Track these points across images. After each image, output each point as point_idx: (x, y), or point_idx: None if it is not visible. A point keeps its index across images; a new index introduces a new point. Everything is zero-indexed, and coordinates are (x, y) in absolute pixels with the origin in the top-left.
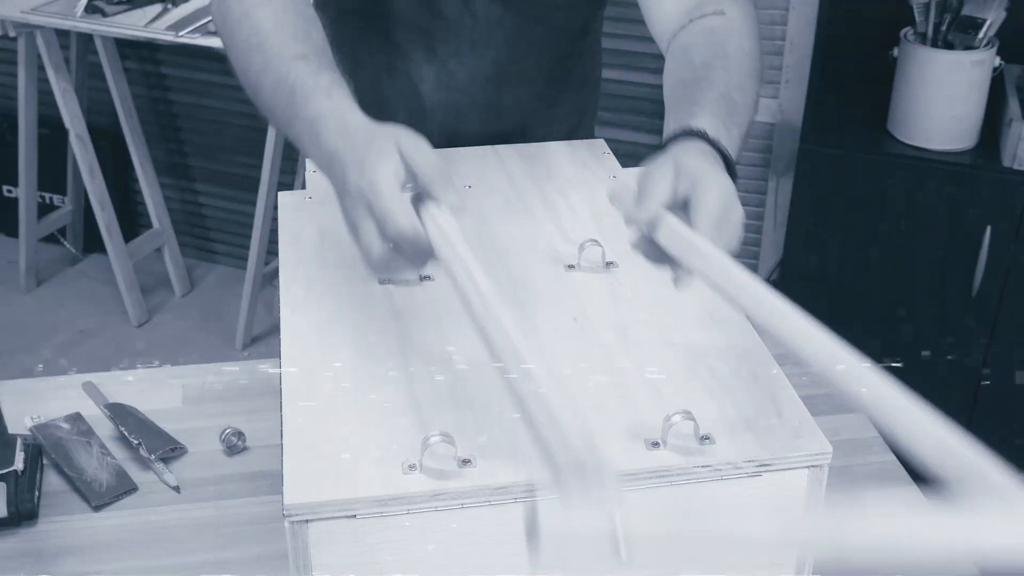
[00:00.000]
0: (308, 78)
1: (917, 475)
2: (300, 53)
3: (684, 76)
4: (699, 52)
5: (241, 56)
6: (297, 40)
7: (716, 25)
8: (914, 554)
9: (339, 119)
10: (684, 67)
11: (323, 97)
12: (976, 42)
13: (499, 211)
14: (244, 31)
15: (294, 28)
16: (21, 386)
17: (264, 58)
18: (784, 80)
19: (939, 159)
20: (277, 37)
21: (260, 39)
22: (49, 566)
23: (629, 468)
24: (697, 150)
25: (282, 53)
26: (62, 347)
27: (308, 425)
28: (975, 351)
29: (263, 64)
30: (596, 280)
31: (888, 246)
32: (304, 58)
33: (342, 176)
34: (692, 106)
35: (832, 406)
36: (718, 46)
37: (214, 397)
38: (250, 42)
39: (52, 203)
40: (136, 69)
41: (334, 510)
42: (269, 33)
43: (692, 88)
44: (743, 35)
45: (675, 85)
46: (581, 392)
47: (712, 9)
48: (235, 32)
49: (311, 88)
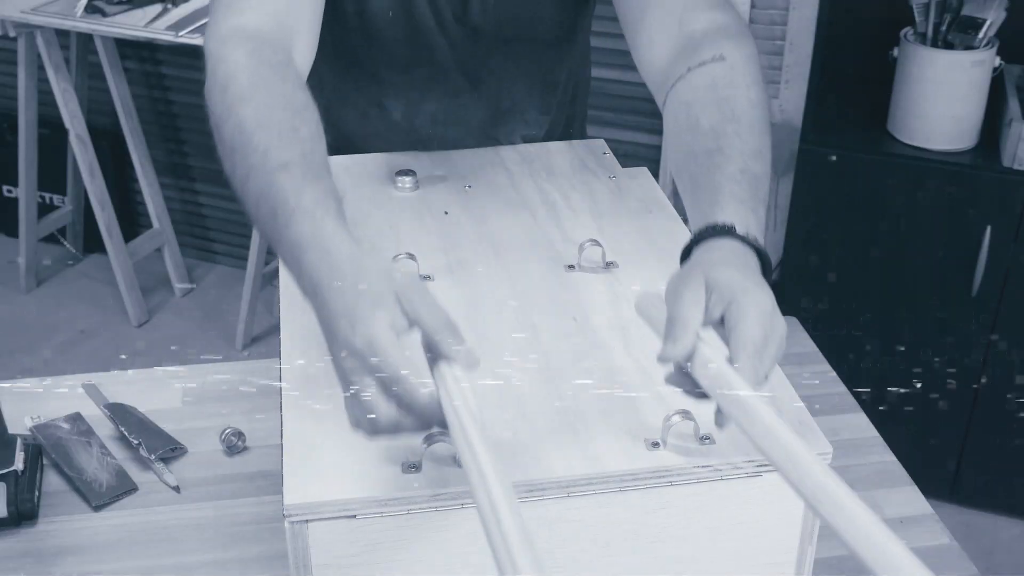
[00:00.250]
0: (290, 196)
1: (917, 475)
2: (283, 162)
3: (694, 146)
4: (706, 114)
5: (226, 156)
6: (282, 142)
7: (718, 75)
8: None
9: (322, 248)
10: (691, 133)
11: (305, 220)
12: (976, 42)
13: (499, 211)
14: (228, 129)
15: (280, 127)
16: (21, 386)
17: (247, 164)
18: (784, 80)
19: (939, 159)
20: (260, 139)
21: (243, 140)
22: (49, 566)
23: (629, 468)
24: (729, 255)
25: (265, 162)
26: (62, 347)
27: (308, 425)
28: (975, 351)
29: (246, 172)
30: (596, 280)
31: (888, 246)
32: (287, 168)
33: (329, 321)
34: (713, 192)
35: (832, 406)
36: (726, 105)
37: (214, 397)
38: (233, 143)
39: (52, 203)
40: (136, 69)
41: (334, 510)
42: (252, 134)
43: (707, 165)
44: (749, 84)
45: (685, 157)
46: (581, 392)
47: (711, 55)
48: (220, 128)
49: (292, 208)
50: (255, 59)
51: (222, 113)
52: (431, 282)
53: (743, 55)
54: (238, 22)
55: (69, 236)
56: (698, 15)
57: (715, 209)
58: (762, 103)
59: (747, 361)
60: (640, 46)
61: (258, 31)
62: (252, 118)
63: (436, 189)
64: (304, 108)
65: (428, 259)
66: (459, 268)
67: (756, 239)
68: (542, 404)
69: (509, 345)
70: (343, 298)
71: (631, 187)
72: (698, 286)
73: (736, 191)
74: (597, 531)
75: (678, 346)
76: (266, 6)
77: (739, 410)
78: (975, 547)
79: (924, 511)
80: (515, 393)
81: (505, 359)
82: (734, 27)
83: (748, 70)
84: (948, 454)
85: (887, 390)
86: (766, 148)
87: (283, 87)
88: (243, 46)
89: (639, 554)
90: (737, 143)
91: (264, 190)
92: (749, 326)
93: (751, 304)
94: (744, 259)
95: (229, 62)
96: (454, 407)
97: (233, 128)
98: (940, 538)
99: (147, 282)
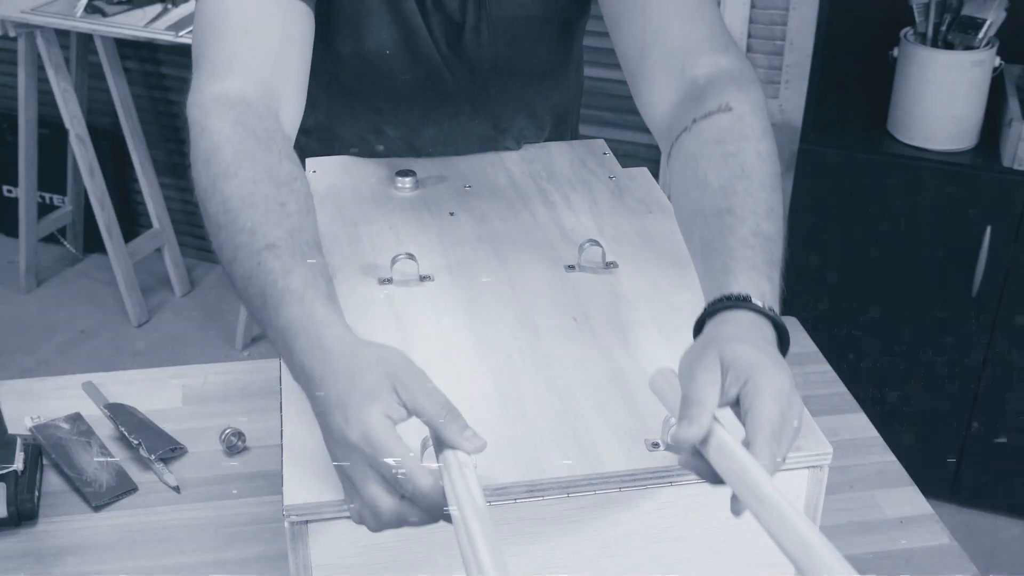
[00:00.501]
0: (279, 278)
1: (917, 475)
2: (270, 241)
3: (703, 205)
4: (714, 170)
5: (213, 233)
6: (269, 220)
7: (725, 128)
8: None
9: (314, 335)
10: (700, 190)
11: (294, 303)
12: (976, 42)
13: (499, 211)
14: (213, 205)
15: (266, 203)
16: (21, 386)
17: (234, 244)
18: (784, 80)
19: (939, 159)
20: (246, 218)
21: (229, 218)
22: (49, 566)
23: (629, 468)
24: (744, 328)
25: (251, 241)
26: (62, 347)
27: (308, 426)
28: (975, 351)
29: (233, 252)
30: (596, 280)
31: (888, 246)
32: (273, 248)
33: (323, 414)
34: (726, 258)
35: (832, 406)
36: (734, 160)
37: (214, 397)
38: (219, 220)
39: (52, 203)
40: (136, 69)
41: (334, 510)
42: (238, 212)
43: (717, 227)
44: (758, 136)
45: (694, 216)
46: (581, 392)
47: (717, 104)
48: (205, 204)
49: (281, 291)
50: (239, 129)
51: (207, 187)
52: (431, 282)
53: (750, 104)
54: (221, 89)
55: (69, 236)
56: (701, 59)
57: (728, 278)
58: (772, 156)
59: (763, 445)
60: (642, 91)
61: (242, 97)
62: (237, 195)
63: (436, 189)
64: (291, 180)
65: (428, 259)
66: (459, 268)
67: (772, 309)
68: (542, 404)
69: (509, 345)
70: (336, 388)
71: (631, 187)
72: (713, 365)
73: (749, 256)
74: (597, 531)
75: (693, 428)
76: (250, 71)
77: (755, 499)
78: (975, 547)
79: (924, 511)
80: (515, 393)
81: (505, 359)
82: (739, 72)
83: (756, 121)
84: (948, 454)
85: (887, 390)
86: (777, 204)
87: (268, 158)
88: (226, 115)
89: (639, 554)
90: (748, 202)
91: (251, 271)
92: (766, 408)
93: (767, 384)
94: (760, 332)
95: (213, 133)
96: (457, 498)
97: (218, 205)
98: (940, 538)
99: (147, 282)
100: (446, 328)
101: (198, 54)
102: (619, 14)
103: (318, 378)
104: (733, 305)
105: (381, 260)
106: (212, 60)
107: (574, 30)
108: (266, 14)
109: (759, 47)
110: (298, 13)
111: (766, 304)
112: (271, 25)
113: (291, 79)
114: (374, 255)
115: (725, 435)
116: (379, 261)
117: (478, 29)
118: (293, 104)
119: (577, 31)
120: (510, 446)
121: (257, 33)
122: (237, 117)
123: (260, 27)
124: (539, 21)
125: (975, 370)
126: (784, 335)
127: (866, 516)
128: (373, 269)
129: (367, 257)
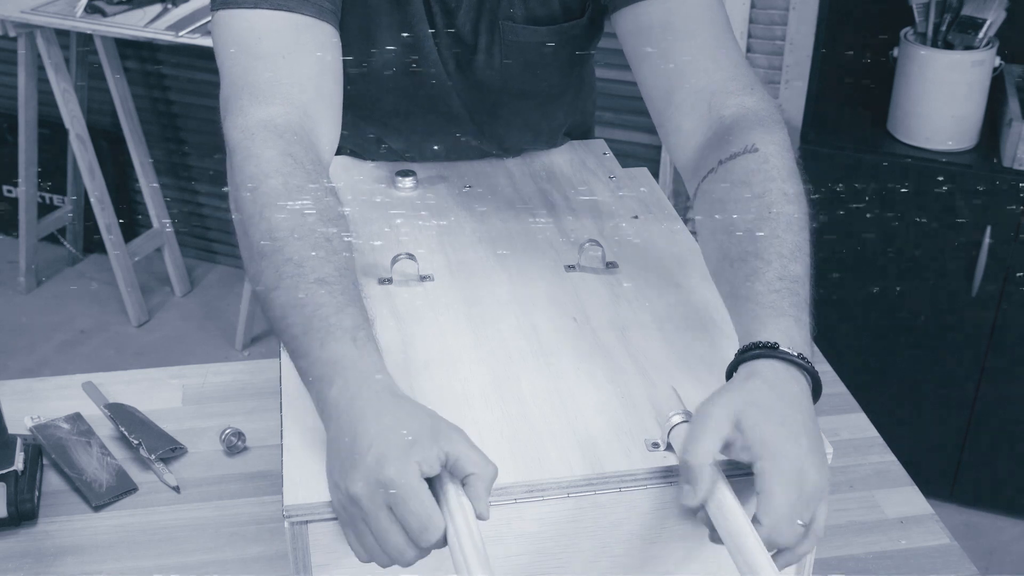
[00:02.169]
0: (330, 313)
1: (917, 475)
2: (321, 276)
3: (729, 250)
4: (740, 213)
5: (252, 260)
6: (319, 255)
7: (752, 169)
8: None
9: (364, 374)
10: (726, 233)
11: (347, 342)
12: (976, 42)
13: (499, 211)
14: (257, 233)
15: (315, 238)
16: (21, 386)
17: (278, 274)
18: (784, 80)
19: (939, 159)
20: (295, 250)
21: (275, 247)
22: (49, 566)
23: (629, 468)
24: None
25: (299, 273)
26: (62, 347)
27: (308, 426)
28: (975, 351)
29: (275, 281)
30: (596, 280)
31: (888, 246)
32: (325, 283)
33: (351, 450)
34: (753, 304)
35: (832, 406)
36: (760, 202)
37: (214, 397)
38: (263, 249)
39: (52, 203)
40: (136, 69)
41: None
42: (285, 243)
43: (744, 272)
44: (784, 177)
45: (721, 262)
46: (581, 392)
47: (742, 146)
48: (248, 230)
49: (332, 326)
50: (289, 160)
51: (252, 215)
52: (431, 282)
53: (776, 146)
54: (267, 114)
55: (69, 236)
56: (728, 99)
57: (756, 325)
58: (798, 196)
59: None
60: (669, 132)
61: (287, 125)
62: (285, 226)
63: (436, 189)
64: (338, 218)
65: (428, 259)
66: (459, 268)
67: (803, 356)
68: (542, 404)
69: (509, 345)
70: (378, 428)
71: (631, 187)
72: (720, 427)
73: (776, 302)
74: (596, 531)
75: (690, 496)
76: (295, 96)
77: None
78: (975, 547)
79: (924, 511)
80: (515, 393)
81: (505, 359)
82: (765, 113)
83: (782, 162)
84: (948, 454)
85: (887, 390)
86: (805, 243)
87: (316, 192)
88: (274, 144)
89: (639, 554)
90: (775, 245)
91: (298, 301)
92: (774, 495)
93: (776, 471)
94: (786, 387)
95: (261, 160)
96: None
97: (263, 233)
98: (940, 538)
99: (147, 282)
100: (446, 328)
101: (236, 75)
102: (642, 55)
103: (357, 414)
104: (761, 354)
105: (381, 260)
106: (254, 83)
107: (586, 55)
108: (302, 38)
109: (759, 47)
110: (328, 36)
111: (795, 350)
112: (307, 49)
113: (328, 104)
114: (374, 255)
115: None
116: (379, 261)
117: (490, 52)
118: (331, 130)
119: (588, 56)
120: (510, 446)
121: (295, 58)
122: (285, 147)
123: (297, 51)
124: (552, 47)
125: (975, 370)
126: (817, 383)
127: (866, 516)
128: (373, 269)
129: (367, 257)
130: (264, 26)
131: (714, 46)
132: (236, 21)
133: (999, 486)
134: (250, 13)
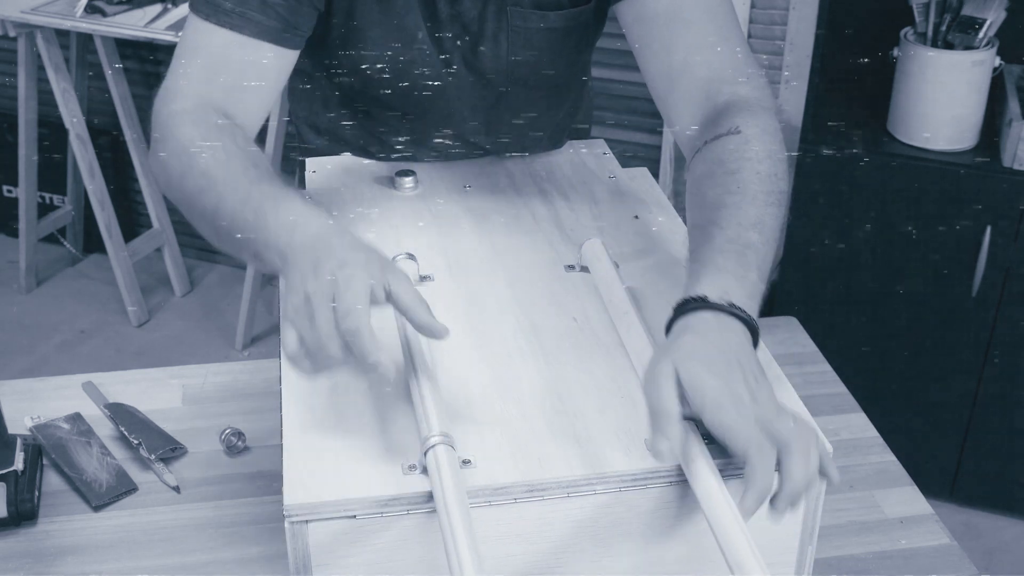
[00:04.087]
0: (275, 191)
1: (917, 475)
2: (255, 178)
3: (697, 220)
4: (711, 187)
5: (194, 206)
6: (247, 171)
7: (730, 149)
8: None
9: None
10: (698, 208)
11: (298, 202)
12: (976, 42)
13: (499, 211)
14: (190, 182)
15: (242, 162)
16: (21, 386)
17: (218, 193)
18: (784, 80)
19: (939, 159)
20: (227, 172)
21: (209, 181)
22: (49, 566)
23: (629, 468)
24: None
25: (237, 185)
26: (62, 347)
27: (308, 425)
28: (975, 351)
29: (218, 199)
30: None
31: (888, 246)
32: (260, 181)
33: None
34: (699, 265)
35: (832, 406)
36: (731, 178)
37: (214, 397)
38: (200, 186)
39: (52, 203)
40: (136, 69)
41: (334, 510)
42: (217, 173)
43: (700, 240)
44: (760, 157)
45: (690, 230)
46: (581, 392)
47: (727, 127)
48: (183, 185)
49: (282, 196)
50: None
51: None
52: (431, 282)
53: (760, 128)
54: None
55: (69, 236)
56: (723, 87)
57: (691, 281)
58: (772, 176)
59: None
60: (672, 118)
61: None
62: (213, 161)
63: (436, 189)
64: (259, 156)
65: (428, 259)
66: (459, 268)
67: (734, 305)
68: (542, 404)
69: (509, 345)
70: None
71: (631, 187)
72: (669, 372)
73: (719, 261)
74: (597, 531)
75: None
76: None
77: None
78: (975, 547)
79: (924, 511)
80: (515, 393)
81: (505, 359)
82: (755, 100)
83: (762, 144)
84: (948, 454)
85: (887, 390)
86: (771, 218)
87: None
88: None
89: (639, 554)
90: (735, 215)
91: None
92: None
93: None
94: (718, 336)
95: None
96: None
97: (197, 178)
98: (940, 538)
99: (147, 282)
100: None
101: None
102: (646, 44)
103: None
104: (692, 307)
105: None
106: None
107: (591, 42)
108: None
109: (759, 47)
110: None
111: (726, 300)
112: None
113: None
114: None
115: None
116: None
117: (497, 39)
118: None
119: (590, 51)
120: (510, 446)
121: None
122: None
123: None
124: (560, 33)
125: (975, 370)
126: (754, 331)
127: (866, 516)
128: None
129: None
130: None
131: (716, 36)
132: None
133: (999, 486)
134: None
